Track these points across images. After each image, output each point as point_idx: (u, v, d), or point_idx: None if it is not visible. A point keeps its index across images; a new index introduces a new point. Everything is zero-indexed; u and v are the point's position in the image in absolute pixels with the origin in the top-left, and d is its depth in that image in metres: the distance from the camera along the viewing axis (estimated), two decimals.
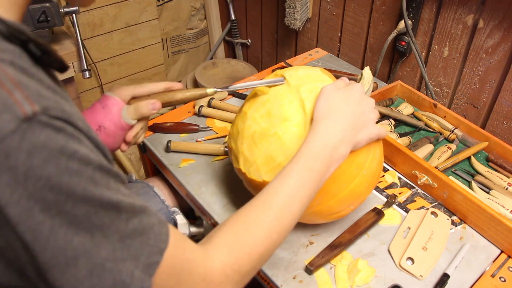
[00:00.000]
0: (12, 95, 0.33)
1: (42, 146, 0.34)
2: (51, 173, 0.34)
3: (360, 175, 0.67)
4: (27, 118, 0.33)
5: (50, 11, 1.07)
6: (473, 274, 0.72)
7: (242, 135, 0.68)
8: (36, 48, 0.39)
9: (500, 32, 0.93)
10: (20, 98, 0.33)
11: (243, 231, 0.51)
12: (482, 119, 1.06)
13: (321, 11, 1.38)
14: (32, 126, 0.33)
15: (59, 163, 0.34)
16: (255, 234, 0.51)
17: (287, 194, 0.54)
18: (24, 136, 0.33)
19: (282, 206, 0.53)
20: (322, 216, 0.70)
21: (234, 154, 0.71)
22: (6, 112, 0.32)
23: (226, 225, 0.52)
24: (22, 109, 0.33)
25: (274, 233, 0.52)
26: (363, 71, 0.80)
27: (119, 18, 1.61)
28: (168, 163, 0.92)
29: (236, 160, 0.71)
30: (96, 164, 0.37)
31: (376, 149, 0.70)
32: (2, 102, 0.32)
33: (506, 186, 0.86)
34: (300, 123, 0.65)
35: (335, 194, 0.66)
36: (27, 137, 0.33)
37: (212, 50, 1.97)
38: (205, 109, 1.05)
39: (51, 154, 0.34)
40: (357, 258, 0.74)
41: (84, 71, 1.24)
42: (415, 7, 1.07)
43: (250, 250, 0.50)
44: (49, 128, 0.34)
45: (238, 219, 0.52)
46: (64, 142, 0.35)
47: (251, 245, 0.50)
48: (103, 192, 0.37)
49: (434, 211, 0.81)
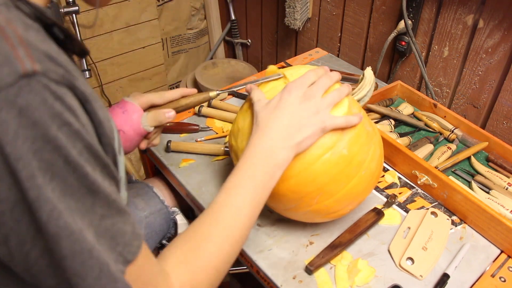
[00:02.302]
0: (15, 50, 0.33)
1: (35, 107, 0.33)
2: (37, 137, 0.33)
3: (359, 175, 0.67)
4: (26, 74, 0.33)
5: (50, 11, 1.07)
6: (473, 274, 0.72)
7: (243, 133, 0.69)
8: (60, 32, 0.40)
9: (500, 32, 0.93)
10: (22, 55, 0.33)
11: (195, 247, 0.51)
12: (482, 119, 1.06)
13: (321, 11, 1.38)
14: (30, 84, 0.33)
15: (48, 129, 0.34)
16: (207, 249, 0.51)
17: (233, 205, 0.55)
18: (20, 92, 0.32)
19: (230, 217, 0.54)
20: (320, 215, 0.70)
21: (234, 151, 0.71)
22: (6, 66, 0.32)
23: (179, 242, 0.52)
24: (22, 65, 0.33)
25: (226, 245, 0.53)
26: (365, 71, 0.80)
27: (119, 18, 1.61)
28: (168, 163, 0.92)
29: (236, 157, 0.71)
30: (87, 143, 0.37)
31: (376, 149, 0.69)
32: (3, 55, 0.33)
33: (506, 186, 0.86)
34: None
35: (332, 194, 0.66)
36: (23, 94, 0.33)
37: (212, 50, 1.97)
38: (205, 109, 1.05)
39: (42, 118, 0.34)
40: (357, 258, 0.74)
41: (84, 71, 1.25)
42: (415, 7, 1.07)
43: (205, 265, 0.50)
44: (47, 91, 0.34)
45: (189, 236, 0.52)
46: (59, 110, 0.35)
47: (205, 260, 0.51)
48: (88, 173, 0.37)
49: (434, 211, 0.81)
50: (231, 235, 0.54)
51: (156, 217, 0.91)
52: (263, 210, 0.81)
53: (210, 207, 0.55)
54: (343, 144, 0.64)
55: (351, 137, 0.65)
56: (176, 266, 0.49)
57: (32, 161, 0.34)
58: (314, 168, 0.64)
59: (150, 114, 0.72)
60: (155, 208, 0.92)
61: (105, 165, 0.40)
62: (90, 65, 1.56)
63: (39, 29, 0.38)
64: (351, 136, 0.65)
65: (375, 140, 0.70)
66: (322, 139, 0.63)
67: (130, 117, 0.71)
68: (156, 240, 0.93)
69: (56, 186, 0.35)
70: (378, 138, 0.72)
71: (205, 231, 0.53)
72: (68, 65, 0.38)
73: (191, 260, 0.50)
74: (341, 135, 0.64)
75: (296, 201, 0.67)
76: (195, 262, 0.50)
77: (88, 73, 1.25)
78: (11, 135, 0.33)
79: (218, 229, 0.53)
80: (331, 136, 0.64)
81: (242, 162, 0.59)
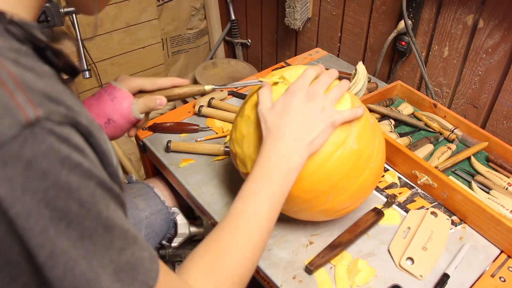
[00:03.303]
0: (13, 97, 0.31)
1: (43, 156, 0.31)
2: (49, 186, 0.32)
3: (369, 167, 0.68)
4: (29, 123, 0.31)
5: (50, 11, 1.08)
6: (473, 274, 0.72)
7: (249, 139, 0.68)
8: (53, 55, 0.38)
9: (500, 32, 0.93)
10: (22, 101, 0.31)
11: (218, 257, 0.50)
12: (482, 119, 1.06)
13: (321, 11, 1.38)
14: (34, 133, 0.31)
15: (59, 176, 0.32)
16: (230, 258, 0.51)
17: (251, 211, 0.55)
18: (25, 144, 0.30)
19: (249, 224, 0.54)
20: (333, 211, 0.71)
21: (240, 159, 0.70)
22: (6, 117, 0.30)
23: (199, 253, 0.51)
24: (24, 114, 0.31)
25: (248, 252, 0.52)
26: (357, 66, 0.80)
27: (119, 18, 1.61)
28: (168, 163, 0.92)
29: (243, 165, 0.70)
30: (99, 180, 0.36)
31: (381, 141, 0.71)
32: (3, 105, 0.30)
33: (506, 186, 0.86)
34: None
35: (346, 189, 0.67)
36: (28, 145, 0.30)
37: (212, 50, 1.97)
38: (205, 109, 1.05)
39: (52, 166, 0.32)
40: (357, 258, 0.74)
41: (84, 71, 1.25)
42: (415, 7, 1.07)
43: (230, 274, 0.50)
44: (53, 136, 0.32)
45: (209, 246, 0.52)
46: (67, 153, 0.33)
47: (229, 269, 0.50)
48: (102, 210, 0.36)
49: (434, 211, 0.81)
50: (252, 242, 0.53)
51: (157, 218, 0.91)
52: None
53: (228, 216, 0.55)
54: (352, 139, 0.65)
55: (359, 132, 0.66)
56: (200, 279, 0.48)
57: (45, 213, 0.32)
58: (327, 166, 0.64)
59: (140, 101, 0.69)
60: (155, 208, 0.92)
61: (117, 196, 0.39)
62: (90, 65, 1.56)
63: (27, 53, 0.36)
64: (359, 131, 0.66)
65: (378, 133, 0.71)
66: (331, 137, 0.64)
67: (120, 105, 0.67)
68: (156, 241, 0.93)
69: (73, 233, 0.33)
70: (380, 130, 0.73)
71: (226, 240, 0.52)
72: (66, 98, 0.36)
73: (215, 271, 0.49)
74: (349, 131, 0.65)
75: (311, 201, 0.67)
76: (219, 273, 0.49)
77: (88, 73, 1.25)
78: (19, 192, 0.30)
79: (239, 237, 0.52)
80: (340, 133, 0.64)
81: (257, 169, 0.59)
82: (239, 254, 0.51)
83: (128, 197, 0.91)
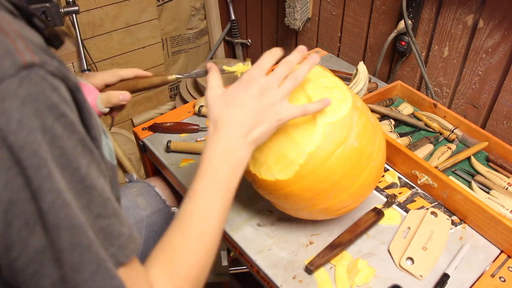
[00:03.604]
0: (14, 43, 0.34)
1: (35, 97, 0.34)
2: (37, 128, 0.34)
3: (369, 166, 0.67)
4: (27, 65, 0.34)
5: (50, 11, 1.08)
6: (473, 274, 0.72)
7: None
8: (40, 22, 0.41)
9: (500, 32, 0.93)
10: (21, 47, 0.35)
11: (172, 259, 0.50)
12: (482, 119, 1.06)
13: (321, 11, 1.38)
14: (30, 76, 0.34)
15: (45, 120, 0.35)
16: (184, 258, 0.51)
17: (201, 211, 0.54)
18: (22, 83, 0.34)
19: (200, 224, 0.53)
20: (333, 210, 0.71)
21: None
22: (7, 58, 0.33)
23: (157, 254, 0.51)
24: (23, 57, 0.34)
25: (202, 251, 0.53)
26: (358, 66, 0.80)
27: (119, 18, 1.61)
28: (168, 163, 0.92)
29: None
30: (81, 136, 0.38)
31: (381, 140, 0.71)
32: (4, 48, 0.34)
33: (506, 186, 0.86)
34: (309, 118, 0.65)
35: (347, 188, 0.67)
36: (24, 84, 0.34)
37: (212, 50, 1.97)
38: (205, 109, 1.05)
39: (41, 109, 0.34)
40: (357, 258, 0.74)
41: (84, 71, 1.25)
42: (415, 7, 1.07)
43: (185, 276, 0.50)
44: (45, 83, 0.35)
45: (164, 248, 0.52)
46: (56, 101, 0.36)
47: (185, 269, 0.50)
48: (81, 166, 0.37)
49: (434, 211, 0.81)
50: (204, 242, 0.53)
51: (157, 217, 0.91)
52: (263, 210, 0.81)
53: (179, 216, 0.54)
54: (353, 138, 0.65)
55: (360, 130, 0.66)
56: (158, 279, 0.48)
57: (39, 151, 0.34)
58: (328, 165, 0.64)
59: (103, 96, 0.71)
60: (156, 207, 0.92)
61: (99, 162, 0.40)
62: (90, 65, 1.56)
63: (23, 25, 0.39)
64: (360, 129, 0.66)
65: (379, 131, 0.71)
66: (332, 135, 0.63)
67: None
68: (156, 240, 0.93)
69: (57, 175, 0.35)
70: (381, 130, 0.73)
71: (178, 242, 0.52)
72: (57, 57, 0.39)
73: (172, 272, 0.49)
74: (350, 129, 0.65)
75: (311, 199, 0.67)
76: (176, 273, 0.50)
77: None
78: (15, 125, 0.33)
79: (191, 238, 0.52)
80: (341, 131, 0.64)
81: (203, 167, 0.57)
82: (193, 255, 0.52)
83: (129, 196, 0.91)
